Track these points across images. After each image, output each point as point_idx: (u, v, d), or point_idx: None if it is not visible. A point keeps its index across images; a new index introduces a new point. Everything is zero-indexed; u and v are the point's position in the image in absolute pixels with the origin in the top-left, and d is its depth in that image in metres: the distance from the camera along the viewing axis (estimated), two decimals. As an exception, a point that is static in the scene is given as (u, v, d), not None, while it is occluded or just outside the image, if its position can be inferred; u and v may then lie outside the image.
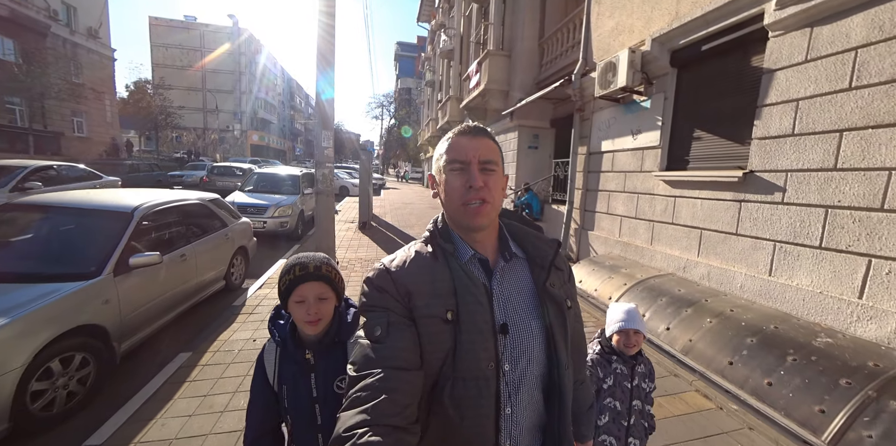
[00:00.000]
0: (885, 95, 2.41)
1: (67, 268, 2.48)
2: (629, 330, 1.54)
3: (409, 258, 0.78)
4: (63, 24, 19.47)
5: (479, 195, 0.73)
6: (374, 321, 0.72)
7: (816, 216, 2.80)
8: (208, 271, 3.83)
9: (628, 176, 4.97)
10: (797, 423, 2.14)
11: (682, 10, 4.10)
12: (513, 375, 0.73)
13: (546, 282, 0.79)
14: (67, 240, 2.70)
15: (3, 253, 2.58)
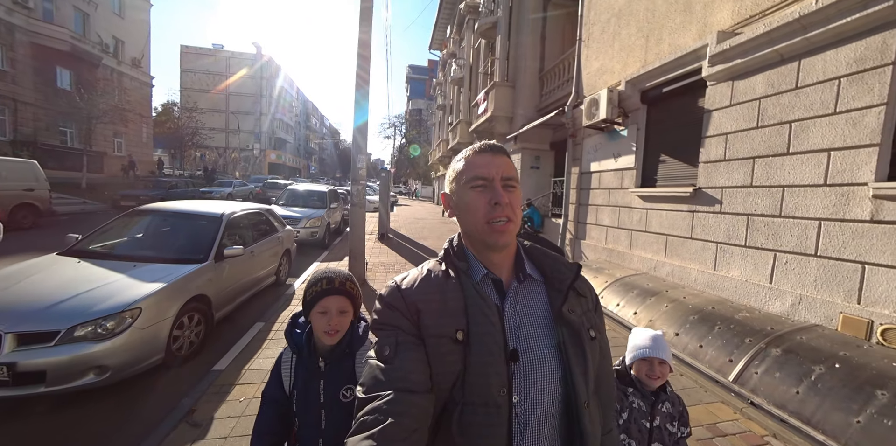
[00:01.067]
0: (777, 133, 3.32)
1: (187, 254, 3.45)
2: (653, 359, 1.35)
3: (421, 276, 0.77)
4: (111, 55, 21.65)
5: (504, 212, 0.71)
6: (383, 340, 0.71)
7: (742, 222, 3.65)
8: (267, 266, 4.79)
9: (611, 192, 5.87)
10: (714, 370, 2.93)
11: (648, 58, 5.12)
12: (523, 407, 0.67)
13: (563, 307, 0.74)
14: (183, 235, 3.69)
15: (144, 243, 3.58)
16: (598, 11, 6.45)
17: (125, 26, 22.79)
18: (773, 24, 3.27)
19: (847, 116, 2.84)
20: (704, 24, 4.24)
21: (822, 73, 3.03)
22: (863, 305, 2.71)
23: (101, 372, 2.40)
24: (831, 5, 2.83)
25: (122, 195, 13.20)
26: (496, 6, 11.12)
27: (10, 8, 15.59)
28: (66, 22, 17.99)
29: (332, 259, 7.07)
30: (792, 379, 2.48)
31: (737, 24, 3.82)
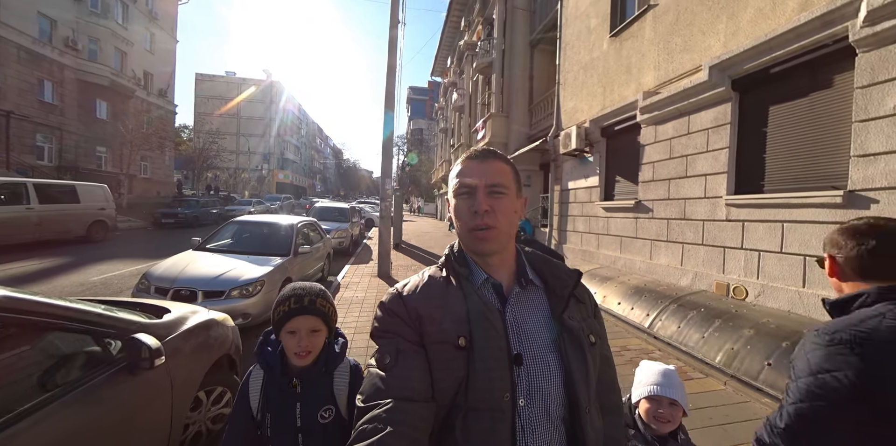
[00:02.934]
0: (680, 163, 4.91)
1: (276, 250, 4.97)
2: (662, 398, 1.16)
3: (422, 282, 0.77)
4: (142, 87, 23.83)
5: (484, 220, 0.71)
6: (384, 348, 0.71)
7: (664, 224, 5.18)
8: (318, 264, 6.29)
9: (584, 205, 7.43)
10: (638, 321, 4.39)
11: (605, 103, 6.80)
12: (528, 412, 0.67)
13: (563, 313, 0.74)
14: (271, 237, 5.23)
15: (245, 243, 5.11)
16: (571, 63, 8.24)
17: (154, 60, 25.11)
18: (672, 91, 4.93)
19: (712, 154, 4.43)
20: (638, 83, 5.92)
21: (700, 125, 4.65)
22: (725, 274, 4.21)
23: (246, 318, 3.88)
24: (698, 85, 4.48)
25: (161, 213, 14.81)
26: (491, 48, 13.08)
27: (62, 50, 17.73)
28: (107, 60, 20.17)
29: (358, 262, 8.56)
30: (677, 320, 3.95)
31: (657, 86, 5.48)
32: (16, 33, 15.37)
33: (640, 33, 5.93)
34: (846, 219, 2.29)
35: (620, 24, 6.48)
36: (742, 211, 4.04)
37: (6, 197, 7.44)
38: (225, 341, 2.40)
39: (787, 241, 3.59)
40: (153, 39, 24.77)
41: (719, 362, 3.24)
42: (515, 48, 11.90)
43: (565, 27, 8.53)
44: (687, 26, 4.95)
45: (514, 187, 0.77)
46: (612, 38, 6.70)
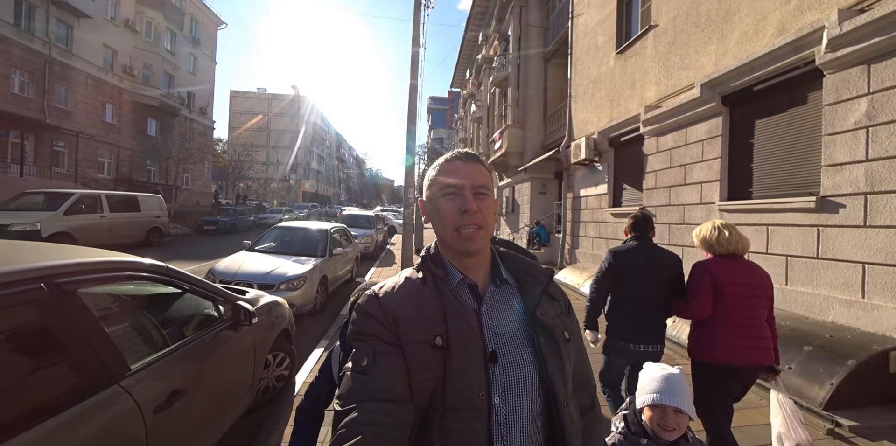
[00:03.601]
0: (679, 171, 5.30)
1: (313, 252, 5.68)
2: (666, 406, 1.14)
3: (398, 284, 0.78)
4: (186, 106, 25.95)
5: (474, 220, 0.73)
6: (361, 350, 0.71)
7: (666, 228, 5.55)
8: (348, 266, 6.99)
9: (594, 211, 7.83)
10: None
11: (612, 116, 7.25)
12: (504, 409, 0.68)
13: (536, 310, 0.76)
14: (308, 241, 5.96)
15: (287, 245, 5.87)
16: (581, 77, 8.74)
17: (196, 81, 27.27)
18: (671, 105, 5.35)
19: (707, 163, 4.82)
20: (641, 98, 6.36)
21: (695, 136, 5.05)
22: (720, 273, 4.55)
23: (291, 307, 4.55)
24: (692, 101, 4.90)
25: (203, 221, 16.16)
26: (507, 62, 13.72)
27: (121, 76, 19.77)
28: (157, 83, 22.23)
29: (383, 265, 9.24)
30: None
31: (658, 100, 5.91)
32: (85, 63, 17.37)
33: (643, 51, 6.39)
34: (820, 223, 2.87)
35: (625, 43, 6.96)
36: (733, 215, 4.40)
37: (86, 206, 8.63)
38: (284, 318, 3.05)
39: (771, 243, 3.94)
40: (196, 62, 26.99)
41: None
42: (530, 62, 12.48)
43: (575, 43, 9.05)
44: (683, 46, 5.40)
45: (493, 190, 0.80)
46: (617, 55, 7.17)
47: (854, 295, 3.17)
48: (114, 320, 1.55)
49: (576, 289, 6.83)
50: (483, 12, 19.43)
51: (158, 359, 1.59)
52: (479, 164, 0.78)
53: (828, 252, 3.39)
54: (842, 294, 3.26)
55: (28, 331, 1.21)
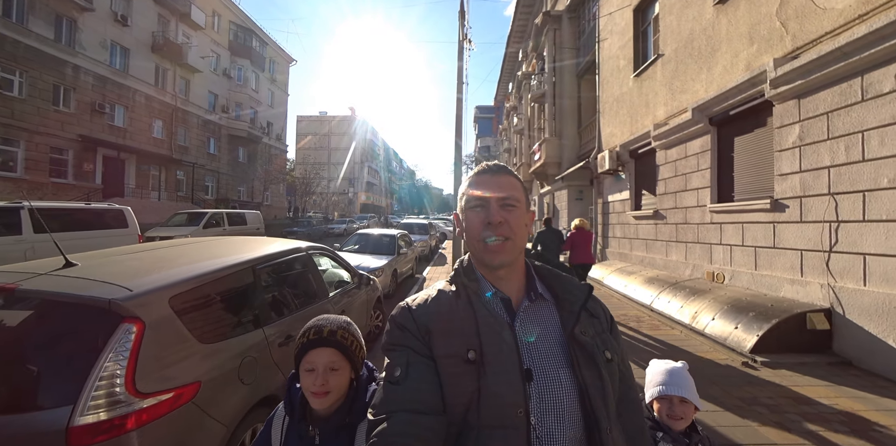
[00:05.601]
0: (682, 179, 6.28)
1: (386, 251, 7.50)
2: (672, 396, 1.20)
3: (431, 297, 0.78)
4: (266, 134, 30.40)
5: (499, 231, 0.72)
6: (394, 361, 0.70)
7: (673, 228, 6.51)
8: (409, 264, 8.76)
9: (619, 215, 8.81)
10: (645, 300, 5.84)
11: (633, 130, 8.28)
12: (540, 431, 0.65)
13: (575, 328, 0.72)
14: (383, 243, 7.82)
15: (366, 247, 7.77)
16: (607, 95, 9.81)
17: (273, 112, 31.79)
18: (674, 124, 6.38)
19: (701, 172, 5.80)
20: (654, 116, 7.38)
21: (692, 150, 6.04)
22: (712, 264, 5.49)
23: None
24: (687, 121, 5.94)
25: (287, 231, 19.25)
26: (543, 81, 14.95)
27: (220, 115, 24.14)
28: (246, 117, 26.58)
29: (436, 265, 10.92)
30: (668, 297, 5.38)
31: (666, 118, 6.92)
32: (196, 107, 21.71)
33: (654, 75, 7.43)
34: (774, 220, 4.36)
35: (641, 67, 8.01)
36: (720, 215, 5.37)
37: (215, 222, 11.48)
38: (378, 290, 4.77)
39: (745, 237, 4.89)
40: (273, 97, 31.51)
41: (687, 320, 4.70)
42: (564, 79, 13.62)
43: (602, 65, 10.15)
44: (682, 73, 6.42)
45: (524, 201, 0.78)
46: (635, 77, 8.23)
47: (796, 275, 4.11)
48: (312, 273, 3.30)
49: (600, 281, 7.91)
50: (523, 29, 20.85)
51: (332, 297, 3.30)
52: (508, 176, 0.78)
53: (780, 242, 4.34)
54: (788, 274, 4.20)
55: (291, 275, 2.94)
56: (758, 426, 2.51)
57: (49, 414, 1.28)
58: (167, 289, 1.67)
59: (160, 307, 1.60)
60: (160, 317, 1.58)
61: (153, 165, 18.70)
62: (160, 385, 1.48)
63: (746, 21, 4.88)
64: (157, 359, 1.51)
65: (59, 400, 1.30)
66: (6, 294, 1.46)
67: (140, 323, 1.49)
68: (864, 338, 3.38)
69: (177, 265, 1.95)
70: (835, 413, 2.66)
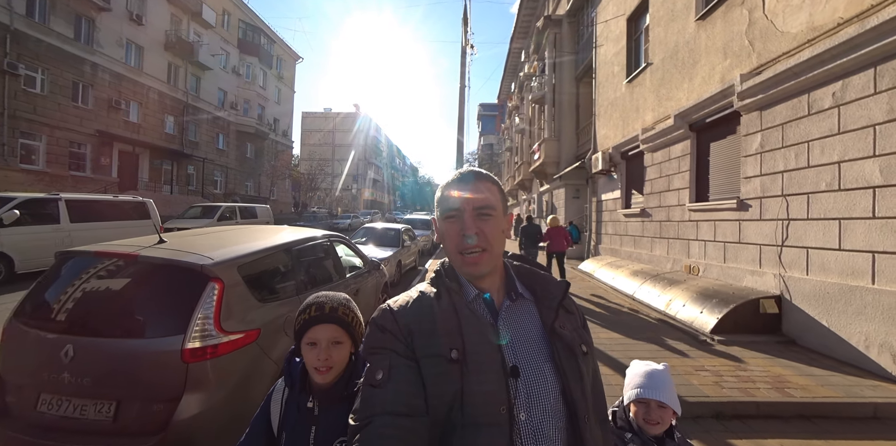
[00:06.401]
0: (666, 180, 6.80)
1: (391, 244, 8.07)
2: (650, 400, 1.17)
3: (413, 298, 0.78)
4: (273, 131, 30.98)
5: (476, 243, 0.72)
6: (376, 364, 0.70)
7: (657, 225, 7.04)
8: (412, 257, 9.33)
9: (611, 213, 9.33)
10: (629, 291, 6.39)
11: (624, 133, 8.78)
12: (529, 425, 0.67)
13: (554, 323, 0.75)
14: (387, 236, 8.39)
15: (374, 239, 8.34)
16: (602, 99, 10.30)
17: (280, 109, 32.34)
18: (659, 129, 6.89)
19: (681, 174, 6.32)
20: (643, 120, 7.88)
21: (675, 154, 6.55)
22: (689, 258, 6.02)
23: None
24: (669, 127, 6.44)
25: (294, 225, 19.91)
26: (543, 83, 15.42)
27: (228, 111, 24.72)
28: (253, 114, 27.15)
29: (437, 258, 11.49)
30: (649, 287, 5.92)
31: (653, 123, 7.43)
32: (206, 104, 22.29)
33: (644, 82, 7.92)
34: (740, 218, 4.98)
35: (632, 74, 8.50)
36: (696, 214, 5.89)
37: (228, 215, 12.09)
38: (385, 276, 5.33)
39: (717, 233, 5.42)
40: (280, 94, 32.05)
41: (662, 307, 5.24)
42: (563, 81, 14.09)
43: (598, 70, 10.63)
44: (668, 82, 6.92)
45: (501, 206, 0.78)
46: (627, 83, 8.72)
47: (755, 266, 4.64)
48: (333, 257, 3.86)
49: (591, 274, 8.46)
50: (526, 27, 21.25)
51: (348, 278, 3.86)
52: (484, 182, 0.77)
53: (744, 238, 4.87)
54: (749, 266, 4.74)
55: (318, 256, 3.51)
56: (698, 384, 3.07)
57: (169, 340, 1.85)
58: (236, 259, 2.24)
59: (232, 272, 2.17)
60: (232, 280, 2.15)
61: (165, 160, 19.32)
62: (236, 327, 2.05)
63: (722, 37, 5.37)
64: (232, 309, 2.08)
65: (174, 330, 1.87)
66: (130, 259, 2.04)
67: (221, 282, 2.06)
68: (804, 320, 3.92)
69: (237, 243, 2.52)
70: (764, 376, 3.21)
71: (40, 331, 1.88)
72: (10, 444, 1.82)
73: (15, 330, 1.95)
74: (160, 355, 1.84)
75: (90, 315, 1.95)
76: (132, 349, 1.85)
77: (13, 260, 6.44)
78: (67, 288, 2.01)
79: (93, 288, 2.03)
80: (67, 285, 2.03)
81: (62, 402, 1.82)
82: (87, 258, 2.11)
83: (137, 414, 1.81)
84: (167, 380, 1.83)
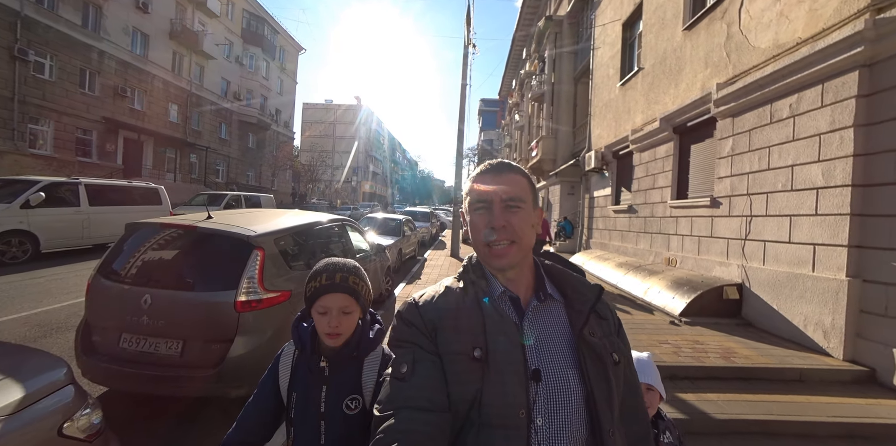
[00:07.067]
0: (651, 179, 7.29)
1: (393, 234, 8.55)
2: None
3: (439, 293, 0.77)
4: (275, 121, 31.17)
5: (503, 235, 0.71)
6: (401, 358, 0.71)
7: (642, 221, 7.54)
8: (412, 246, 9.81)
9: (602, 209, 9.84)
10: (613, 281, 6.92)
11: (616, 134, 9.25)
12: (547, 432, 0.65)
13: (583, 329, 0.72)
14: (389, 227, 8.86)
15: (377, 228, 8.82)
16: (598, 100, 10.74)
17: (282, 100, 32.47)
18: (646, 130, 7.36)
19: (665, 173, 6.81)
20: (633, 122, 8.34)
21: (660, 154, 7.03)
22: (669, 251, 6.54)
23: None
24: (655, 129, 6.91)
25: (294, 216, 20.33)
26: (543, 82, 15.80)
27: (231, 101, 24.91)
28: (256, 104, 27.34)
29: (436, 249, 11.98)
30: (631, 277, 6.44)
31: (642, 124, 7.89)
32: (209, 93, 22.50)
33: (635, 86, 8.37)
34: (712, 214, 5.54)
35: (625, 77, 8.93)
36: (677, 210, 6.39)
37: (234, 203, 12.51)
38: (388, 259, 5.83)
39: (693, 228, 5.92)
40: (282, 85, 32.17)
41: (640, 294, 5.77)
42: (562, 82, 14.48)
43: (595, 72, 11.06)
44: (656, 87, 7.37)
45: (531, 199, 0.76)
46: (620, 86, 9.16)
47: (723, 258, 5.16)
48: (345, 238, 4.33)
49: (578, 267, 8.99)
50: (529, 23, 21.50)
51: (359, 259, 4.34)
52: (514, 174, 0.76)
53: (715, 232, 5.37)
54: (718, 258, 5.25)
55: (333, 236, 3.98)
56: (659, 353, 3.58)
57: (225, 293, 2.33)
58: (273, 233, 2.71)
59: (270, 243, 2.64)
60: (271, 249, 2.62)
61: (169, 148, 19.60)
62: (273, 287, 2.53)
63: (704, 48, 5.82)
64: (270, 273, 2.55)
65: (228, 286, 2.35)
66: (190, 229, 2.51)
67: (262, 250, 2.53)
68: (760, 305, 4.44)
69: (268, 221, 2.98)
70: (716, 348, 3.73)
71: (122, 284, 2.36)
72: (99, 373, 2.30)
73: (99, 284, 2.42)
74: (218, 305, 2.32)
75: (162, 271, 2.43)
76: (196, 300, 2.33)
77: (39, 239, 6.86)
78: (140, 251, 2.49)
79: (161, 251, 2.50)
80: (140, 249, 2.50)
81: (140, 340, 2.30)
82: (153, 228, 2.58)
83: (199, 351, 2.30)
84: (222, 326, 2.31)
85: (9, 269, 6.17)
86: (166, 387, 2.22)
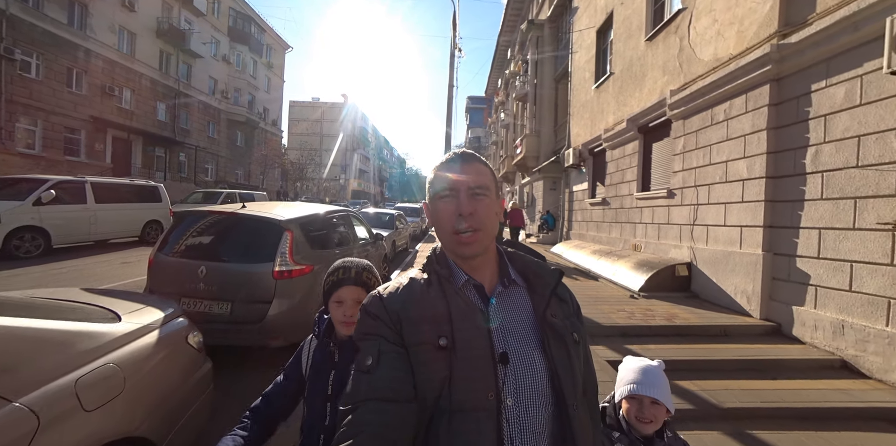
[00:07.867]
0: (622, 174, 8.09)
1: (386, 226, 9.16)
2: (643, 397, 1.15)
3: (403, 285, 0.78)
4: (262, 120, 31.19)
5: (469, 223, 0.72)
6: (366, 350, 0.71)
7: (614, 212, 8.34)
8: (404, 239, 10.44)
9: (580, 202, 10.64)
10: (587, 268, 7.70)
11: (592, 132, 10.03)
12: (516, 411, 0.68)
13: (546, 311, 0.76)
14: (383, 220, 9.46)
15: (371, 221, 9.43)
16: (576, 100, 11.52)
17: (269, 98, 32.48)
18: (616, 130, 8.13)
19: (632, 169, 7.60)
20: (606, 122, 9.12)
21: (627, 151, 7.82)
22: (635, 238, 7.35)
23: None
24: (622, 129, 7.69)
25: (286, 213, 20.67)
26: (526, 82, 16.54)
27: (219, 99, 24.94)
28: (243, 103, 27.38)
29: (426, 242, 12.62)
30: (603, 262, 7.22)
31: (613, 124, 8.67)
32: (197, 92, 22.53)
33: (607, 89, 9.15)
34: (669, 204, 6.37)
35: (599, 80, 9.70)
36: (642, 201, 7.19)
37: (230, 201, 12.88)
38: (385, 249, 6.45)
39: (654, 217, 6.72)
40: (269, 82, 32.17)
41: (609, 275, 6.54)
42: (544, 83, 15.25)
43: (573, 74, 11.82)
44: (625, 90, 8.15)
45: (494, 189, 0.78)
46: (595, 88, 9.93)
47: (677, 242, 5.96)
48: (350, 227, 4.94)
49: (560, 255, 9.78)
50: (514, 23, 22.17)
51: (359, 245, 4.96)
52: (478, 164, 0.78)
53: (671, 220, 6.17)
54: (673, 242, 6.06)
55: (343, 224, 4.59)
56: (615, 318, 4.33)
57: (265, 265, 2.95)
58: (298, 219, 3.33)
59: (296, 227, 3.25)
60: (297, 231, 3.23)
61: (158, 147, 19.68)
62: (300, 261, 3.15)
63: (662, 57, 6.60)
64: (298, 250, 3.17)
65: (266, 259, 2.97)
66: (233, 215, 3.10)
67: (291, 232, 3.14)
68: (704, 279, 5.24)
69: (291, 210, 3.59)
70: (664, 314, 4.50)
71: (181, 258, 2.95)
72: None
73: (160, 259, 3.01)
74: (259, 274, 2.93)
75: (214, 247, 3.03)
76: (242, 270, 2.94)
77: (50, 235, 7.24)
78: (192, 232, 3.08)
79: (210, 232, 3.10)
80: (191, 231, 3.09)
81: (197, 303, 2.90)
82: (200, 215, 3.16)
83: (245, 311, 2.91)
84: (263, 290, 2.93)
85: (25, 263, 6.56)
86: (220, 338, 2.82)
